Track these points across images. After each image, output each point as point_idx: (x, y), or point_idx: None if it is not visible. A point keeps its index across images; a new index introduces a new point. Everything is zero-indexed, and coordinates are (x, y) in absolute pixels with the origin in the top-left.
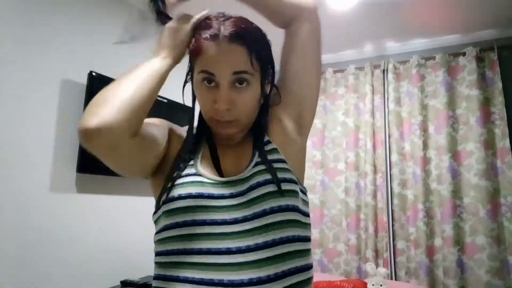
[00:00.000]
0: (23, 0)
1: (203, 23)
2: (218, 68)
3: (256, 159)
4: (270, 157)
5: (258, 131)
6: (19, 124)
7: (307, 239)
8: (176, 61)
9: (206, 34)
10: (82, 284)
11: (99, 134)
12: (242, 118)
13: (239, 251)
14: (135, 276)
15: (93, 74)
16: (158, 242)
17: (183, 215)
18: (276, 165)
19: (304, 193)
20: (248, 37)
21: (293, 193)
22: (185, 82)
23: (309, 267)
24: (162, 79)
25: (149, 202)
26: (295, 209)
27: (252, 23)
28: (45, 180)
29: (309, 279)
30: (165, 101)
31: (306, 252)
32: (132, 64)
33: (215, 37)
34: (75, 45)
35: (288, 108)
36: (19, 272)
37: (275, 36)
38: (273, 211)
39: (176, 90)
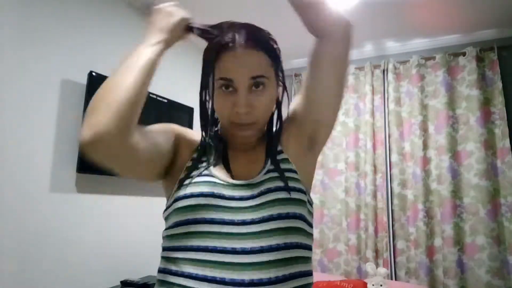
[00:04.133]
0: (22, 0)
1: (216, 32)
2: (236, 74)
3: (269, 166)
4: (282, 166)
5: (271, 138)
6: (19, 124)
7: (309, 248)
8: (169, 45)
9: (222, 42)
10: (82, 284)
11: (95, 147)
12: (260, 120)
13: (244, 251)
14: (135, 276)
15: (93, 74)
16: (166, 237)
17: (194, 212)
18: (287, 174)
19: (311, 204)
20: (262, 42)
21: (302, 202)
22: (202, 88)
23: (310, 273)
24: (153, 70)
25: (149, 202)
26: (301, 217)
27: (262, 29)
28: (45, 180)
29: (309, 284)
30: (165, 101)
31: (308, 260)
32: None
33: (231, 44)
34: (75, 45)
35: (304, 123)
36: (19, 272)
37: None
38: (280, 217)
39: (176, 90)
